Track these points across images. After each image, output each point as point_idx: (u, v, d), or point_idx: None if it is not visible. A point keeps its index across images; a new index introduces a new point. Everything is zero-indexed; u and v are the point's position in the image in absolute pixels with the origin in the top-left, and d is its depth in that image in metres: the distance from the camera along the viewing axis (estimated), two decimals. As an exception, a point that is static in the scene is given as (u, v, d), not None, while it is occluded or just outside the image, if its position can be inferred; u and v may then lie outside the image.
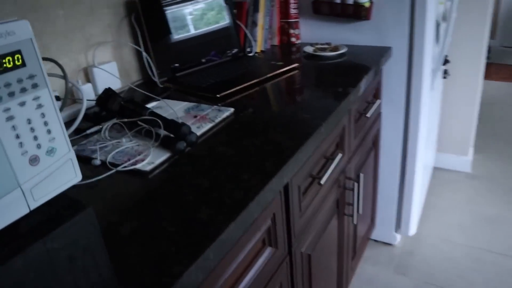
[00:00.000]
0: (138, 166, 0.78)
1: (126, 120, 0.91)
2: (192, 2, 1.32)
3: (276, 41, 1.61)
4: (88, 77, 1.15)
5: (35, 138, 0.65)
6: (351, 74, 1.19)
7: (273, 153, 0.79)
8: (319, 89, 1.10)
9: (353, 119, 1.23)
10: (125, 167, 0.78)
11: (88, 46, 1.15)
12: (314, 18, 1.58)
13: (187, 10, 1.31)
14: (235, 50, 1.45)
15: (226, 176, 0.73)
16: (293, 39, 1.61)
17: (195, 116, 0.97)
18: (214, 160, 0.78)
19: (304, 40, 1.63)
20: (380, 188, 1.76)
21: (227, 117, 0.97)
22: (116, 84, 1.20)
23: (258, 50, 1.53)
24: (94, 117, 1.00)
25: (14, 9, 0.96)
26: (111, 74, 1.15)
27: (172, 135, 0.84)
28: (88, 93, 1.11)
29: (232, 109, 0.99)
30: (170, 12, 1.27)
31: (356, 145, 1.30)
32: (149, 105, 1.05)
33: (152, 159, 0.80)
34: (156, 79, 1.24)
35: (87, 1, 1.13)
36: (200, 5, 1.34)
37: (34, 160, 0.65)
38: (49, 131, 0.67)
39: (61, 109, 0.95)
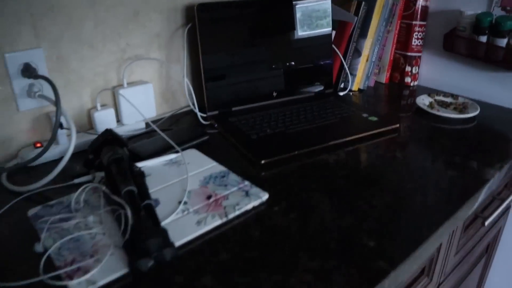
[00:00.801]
0: (72, 283, 0.50)
1: (104, 188, 0.64)
2: (273, 9, 1.00)
3: (383, 78, 1.22)
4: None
5: None
6: (477, 158, 0.77)
7: (279, 325, 0.45)
8: (414, 180, 0.71)
9: (460, 231, 0.81)
10: (53, 277, 0.51)
11: (122, 60, 0.91)
12: (443, 56, 1.15)
13: (262, 21, 0.99)
14: (322, 85, 1.10)
15: None
16: (407, 80, 1.20)
17: (209, 197, 0.66)
18: (181, 309, 0.47)
19: (422, 82, 1.21)
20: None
21: (253, 208, 0.64)
22: (149, 111, 0.94)
23: (355, 88, 1.15)
24: (89, 162, 0.75)
25: (25, 7, 0.75)
26: (130, 103, 0.90)
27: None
28: (107, 122, 0.87)
29: (266, 196, 0.66)
30: (238, 23, 0.96)
31: (455, 263, 0.88)
32: (165, 158, 0.77)
33: (97, 274, 0.51)
34: (197, 111, 0.95)
35: (130, 3, 0.88)
36: (287, 17, 1.01)
37: None
38: None
39: (48, 145, 0.72)
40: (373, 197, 0.66)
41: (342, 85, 1.14)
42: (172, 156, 0.78)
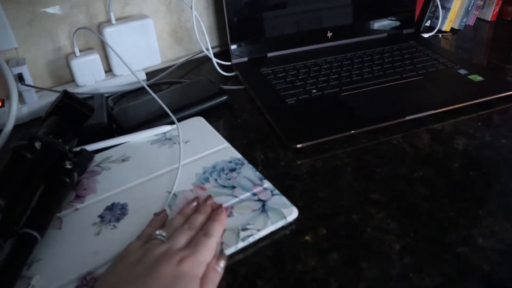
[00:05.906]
0: None
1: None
2: None
3: (489, 15, 0.86)
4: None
5: None
6: None
7: None
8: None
9: None
10: None
11: (111, -16, 0.64)
12: None
13: None
14: (398, 22, 0.78)
15: None
16: (526, 16, 0.84)
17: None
18: None
19: (550, 21, 0.84)
20: None
21: (270, 237, 0.39)
22: (151, 57, 0.69)
23: (446, 27, 0.82)
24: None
25: None
26: (110, 47, 0.64)
27: None
28: (91, 72, 0.64)
29: (294, 214, 0.40)
30: None
31: None
32: (156, 130, 0.53)
33: None
34: (212, 56, 0.68)
35: None
36: None
37: None
38: None
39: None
40: (487, 223, 0.38)
41: (428, 23, 0.81)
42: (166, 128, 0.53)
